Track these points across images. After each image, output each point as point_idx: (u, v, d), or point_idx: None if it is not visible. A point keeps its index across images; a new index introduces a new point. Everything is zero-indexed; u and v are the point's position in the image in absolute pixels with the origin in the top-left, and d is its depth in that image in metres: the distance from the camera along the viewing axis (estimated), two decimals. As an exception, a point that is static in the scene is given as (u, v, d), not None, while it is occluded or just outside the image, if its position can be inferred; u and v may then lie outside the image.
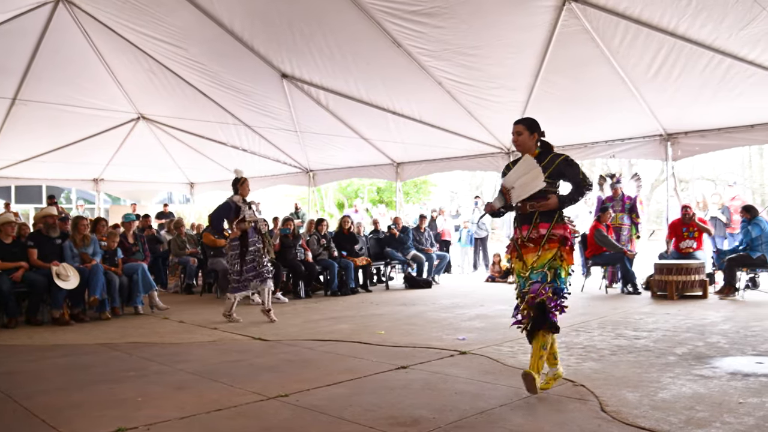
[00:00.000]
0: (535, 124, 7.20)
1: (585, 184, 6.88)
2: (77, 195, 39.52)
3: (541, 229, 6.81)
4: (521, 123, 7.24)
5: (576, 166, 6.97)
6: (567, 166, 6.95)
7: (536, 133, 7.17)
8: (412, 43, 14.07)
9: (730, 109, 14.26)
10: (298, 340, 9.99)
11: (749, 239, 14.25)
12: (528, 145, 7.12)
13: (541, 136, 7.20)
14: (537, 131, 7.17)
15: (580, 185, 6.89)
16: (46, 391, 7.08)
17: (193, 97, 19.04)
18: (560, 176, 6.95)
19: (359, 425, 5.67)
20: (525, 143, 7.13)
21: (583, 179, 6.88)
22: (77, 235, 12.97)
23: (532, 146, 7.13)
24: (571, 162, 7.00)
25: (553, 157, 6.99)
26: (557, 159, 6.97)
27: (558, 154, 7.06)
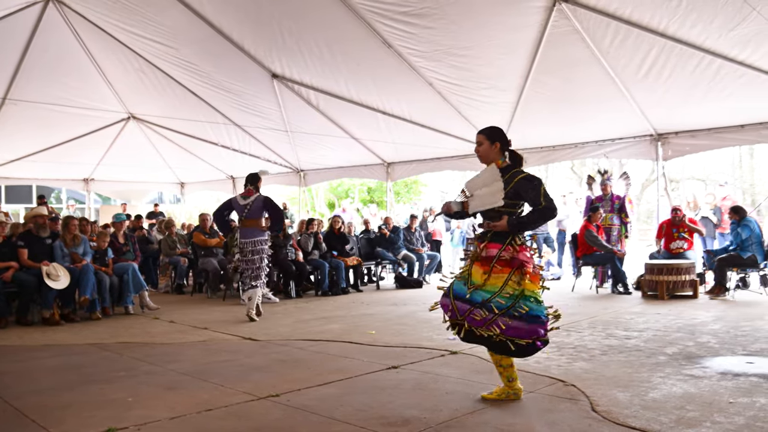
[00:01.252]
0: (496, 133, 6.68)
1: (546, 207, 6.29)
2: (67, 195, 39.50)
3: (491, 249, 6.39)
4: (481, 132, 6.76)
5: (537, 185, 6.34)
6: (526, 183, 6.37)
7: (498, 142, 6.61)
8: (403, 43, 14.08)
9: (720, 109, 14.29)
10: (289, 340, 9.99)
11: (739, 240, 14.28)
12: (489, 156, 6.65)
13: (505, 146, 6.66)
14: (499, 141, 6.62)
15: (538, 207, 6.31)
16: (37, 391, 7.07)
17: (184, 96, 19.04)
18: (518, 195, 6.37)
19: (350, 425, 5.68)
20: (486, 154, 6.68)
21: (544, 200, 6.27)
22: (67, 234, 12.95)
23: (494, 157, 6.63)
24: (531, 179, 6.40)
25: (513, 174, 6.45)
26: (517, 176, 6.43)
27: (519, 171, 6.51)
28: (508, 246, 6.31)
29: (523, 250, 6.38)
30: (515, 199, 6.36)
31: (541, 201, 6.26)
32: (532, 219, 6.35)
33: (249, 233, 12.57)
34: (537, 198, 6.27)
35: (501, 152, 6.61)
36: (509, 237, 6.34)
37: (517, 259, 6.27)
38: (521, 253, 6.33)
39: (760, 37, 11.45)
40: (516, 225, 6.30)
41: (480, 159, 6.73)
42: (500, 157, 6.59)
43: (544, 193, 6.28)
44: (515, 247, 6.33)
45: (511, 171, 6.46)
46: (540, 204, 6.27)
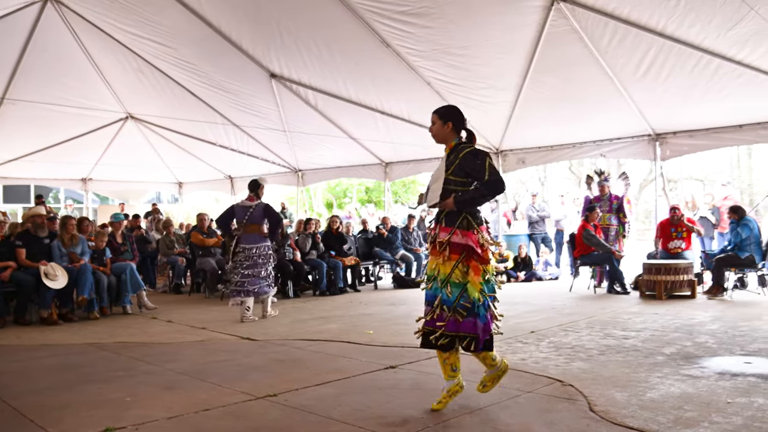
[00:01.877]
0: (451, 112, 6.44)
1: (490, 180, 6.00)
2: (66, 194, 39.48)
3: (442, 233, 6.16)
4: (435, 112, 6.48)
5: (482, 159, 6.08)
6: (471, 158, 6.12)
7: (451, 122, 6.35)
8: (401, 43, 14.08)
9: (718, 109, 14.29)
10: (287, 340, 9.98)
11: (738, 240, 14.27)
12: (442, 136, 6.42)
13: (459, 125, 6.39)
14: (453, 120, 6.36)
15: (484, 181, 6.02)
16: (35, 390, 7.07)
17: (182, 96, 19.03)
18: (464, 172, 6.13)
19: (348, 425, 5.68)
20: (438, 133, 6.43)
21: (489, 174, 6.00)
22: (65, 234, 12.93)
23: (447, 137, 6.39)
24: (476, 153, 6.14)
25: (460, 149, 6.23)
26: (462, 151, 6.19)
27: (466, 146, 6.27)
28: (457, 229, 6.07)
29: (471, 234, 6.07)
30: (463, 176, 6.15)
31: (486, 175, 6.01)
32: (478, 194, 6.07)
33: (253, 239, 12.53)
34: (482, 172, 6.03)
35: (454, 132, 6.38)
36: (460, 219, 6.09)
37: (463, 245, 6.04)
38: (470, 238, 6.05)
39: (759, 36, 11.46)
40: (461, 201, 6.03)
41: (434, 139, 6.53)
42: (454, 137, 6.39)
43: (489, 166, 6.04)
44: (466, 231, 6.07)
45: (462, 146, 6.26)
46: (484, 178, 6.01)
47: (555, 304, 13.64)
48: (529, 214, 21.21)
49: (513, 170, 20.07)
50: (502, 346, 9.04)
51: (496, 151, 19.34)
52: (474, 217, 6.14)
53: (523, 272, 18.98)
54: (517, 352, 8.71)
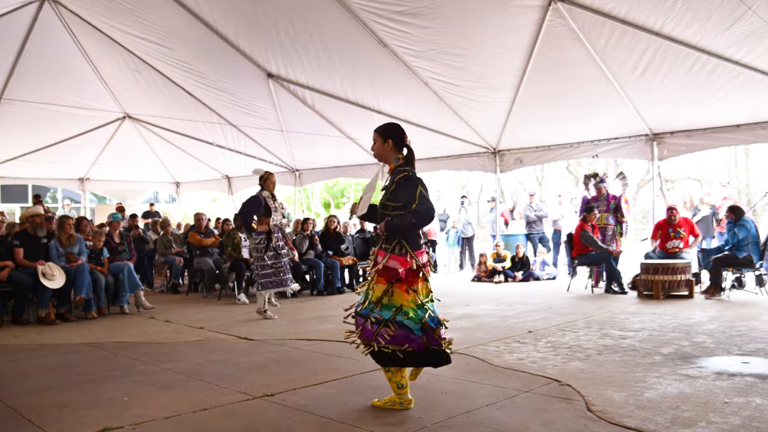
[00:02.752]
0: (389, 130, 6.38)
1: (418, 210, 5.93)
2: (63, 194, 39.45)
3: (379, 257, 6.17)
4: (376, 130, 6.42)
5: (413, 185, 6.05)
6: (403, 183, 6.09)
7: (391, 140, 6.29)
8: (398, 43, 14.08)
9: (715, 108, 14.30)
10: (285, 340, 9.98)
11: (736, 240, 14.28)
12: (383, 154, 6.38)
13: (399, 143, 6.32)
14: (392, 138, 6.31)
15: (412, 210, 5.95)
16: (32, 390, 7.07)
17: (179, 96, 19.02)
18: (398, 198, 6.06)
19: (346, 424, 5.69)
20: (379, 152, 6.39)
21: (420, 203, 5.94)
22: (63, 234, 12.94)
23: (388, 155, 6.35)
24: (409, 179, 6.11)
25: (398, 173, 6.20)
26: (399, 175, 6.16)
27: (403, 170, 6.21)
28: (391, 254, 6.06)
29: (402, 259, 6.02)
30: (398, 202, 6.07)
31: (414, 202, 5.95)
32: (404, 221, 5.97)
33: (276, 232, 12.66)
34: (411, 198, 5.98)
35: (395, 150, 6.31)
36: (394, 243, 6.08)
37: (393, 270, 6.02)
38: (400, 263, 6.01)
39: (756, 36, 11.47)
40: (391, 227, 6.02)
41: (376, 158, 6.52)
42: (395, 154, 6.32)
43: (419, 194, 5.98)
44: (398, 256, 6.04)
45: (398, 171, 6.21)
46: (411, 204, 5.96)
47: (552, 303, 13.64)
48: (526, 214, 21.20)
49: (510, 170, 20.08)
50: (500, 346, 9.06)
51: (493, 151, 19.36)
52: (409, 242, 6.08)
53: (521, 272, 18.98)
54: (515, 351, 8.71)
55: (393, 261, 6.01)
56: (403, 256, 6.02)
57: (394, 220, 5.99)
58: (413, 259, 6.04)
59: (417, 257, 6.06)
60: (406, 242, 6.05)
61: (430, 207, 6.00)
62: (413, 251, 6.05)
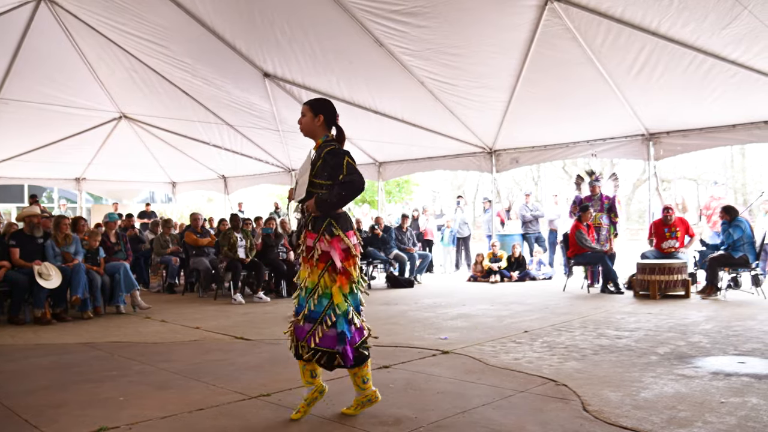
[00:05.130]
0: (323, 106, 6.19)
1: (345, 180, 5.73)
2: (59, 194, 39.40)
3: (308, 240, 5.92)
4: (306, 103, 6.22)
5: (340, 157, 5.85)
6: (331, 158, 5.86)
7: (322, 115, 6.11)
8: (395, 42, 14.08)
9: (712, 108, 14.32)
10: (281, 340, 9.93)
11: (731, 241, 14.28)
12: (311, 130, 6.15)
13: (331, 120, 6.18)
14: (325, 113, 6.14)
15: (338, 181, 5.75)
16: (29, 390, 7.07)
17: (175, 96, 19.04)
18: (326, 173, 5.85)
19: (341, 424, 5.69)
20: (307, 126, 6.14)
21: (347, 173, 5.75)
22: (59, 234, 12.92)
23: (316, 131, 6.13)
24: (336, 152, 5.91)
25: (324, 148, 5.98)
26: (325, 149, 5.95)
27: (329, 145, 6.02)
28: (323, 236, 5.81)
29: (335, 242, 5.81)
30: (326, 178, 5.86)
31: (343, 173, 5.75)
32: (334, 194, 5.74)
33: None
34: (339, 170, 5.76)
35: (325, 126, 6.14)
36: (325, 224, 5.83)
37: (328, 253, 5.79)
38: (334, 246, 5.80)
39: (752, 36, 11.48)
40: (320, 202, 5.77)
41: (302, 132, 6.24)
42: (324, 131, 6.14)
43: (347, 164, 5.78)
44: (332, 237, 5.80)
45: (325, 145, 6.02)
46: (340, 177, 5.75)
47: (548, 303, 13.64)
48: (522, 214, 21.23)
49: (506, 170, 20.12)
50: (496, 346, 9.07)
51: (489, 151, 19.37)
52: (339, 222, 5.88)
53: (517, 272, 18.99)
54: (511, 351, 8.70)
55: (328, 244, 5.79)
56: (335, 238, 5.82)
57: (323, 196, 5.79)
58: (345, 240, 5.84)
59: (348, 238, 5.86)
60: (336, 222, 5.85)
61: (359, 177, 5.80)
62: (344, 232, 5.86)
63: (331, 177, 5.82)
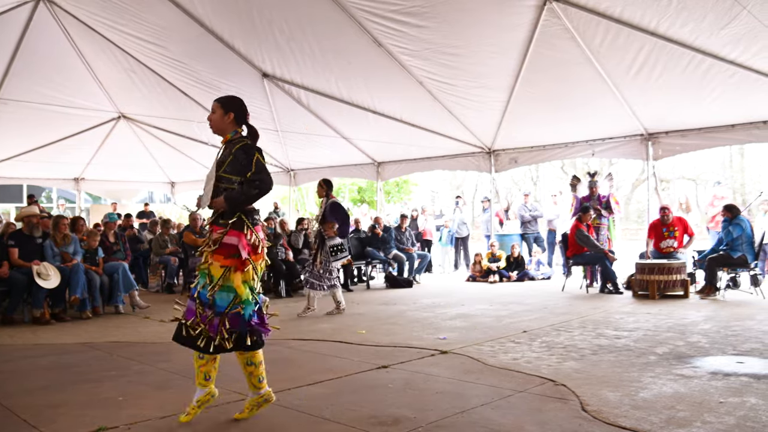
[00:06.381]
0: (234, 103, 6.08)
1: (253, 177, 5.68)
2: (58, 194, 39.39)
3: (215, 233, 5.85)
4: (217, 100, 6.12)
5: (251, 154, 5.77)
6: (242, 154, 5.78)
7: (233, 113, 6.00)
8: (393, 42, 14.07)
9: (710, 108, 14.31)
10: (279, 340, 9.94)
11: (730, 239, 14.28)
12: (220, 126, 6.03)
13: (241, 117, 6.07)
14: (235, 111, 6.02)
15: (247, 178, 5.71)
16: (28, 390, 7.08)
17: (174, 96, 19.01)
18: (236, 169, 5.79)
19: (340, 424, 5.69)
20: (217, 124, 6.03)
21: (256, 171, 5.69)
22: (58, 234, 12.92)
23: (226, 128, 6.02)
24: (247, 149, 5.82)
25: (235, 144, 5.89)
26: (236, 146, 5.85)
27: (239, 141, 5.93)
28: (233, 230, 5.75)
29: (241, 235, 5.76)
30: (236, 174, 5.81)
31: (252, 170, 5.70)
32: (241, 191, 5.73)
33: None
34: (248, 167, 5.71)
35: (235, 124, 6.03)
36: (234, 218, 5.76)
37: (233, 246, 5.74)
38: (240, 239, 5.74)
39: (751, 36, 11.47)
40: (229, 199, 5.73)
41: (211, 129, 6.10)
42: (233, 129, 6.03)
43: (256, 162, 5.73)
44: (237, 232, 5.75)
45: (236, 141, 5.92)
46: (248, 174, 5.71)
47: (547, 303, 13.64)
48: (521, 214, 21.23)
49: (505, 170, 20.10)
50: (495, 346, 9.07)
51: (488, 151, 19.37)
52: (248, 216, 5.84)
53: (516, 272, 18.99)
54: (509, 351, 8.70)
55: (232, 237, 5.74)
56: (242, 231, 5.77)
57: (233, 193, 5.74)
58: (253, 234, 5.83)
59: (256, 232, 5.86)
60: (246, 217, 5.80)
61: (267, 177, 5.75)
62: (252, 226, 5.84)
63: (240, 173, 5.77)
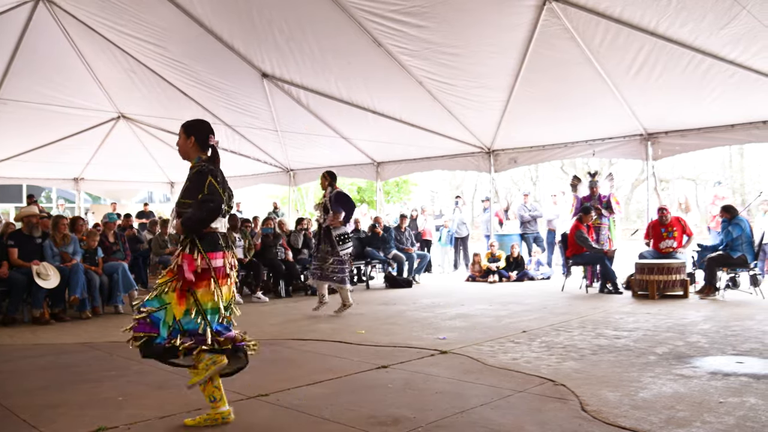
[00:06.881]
0: (194, 127, 6.02)
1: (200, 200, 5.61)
2: (57, 194, 39.38)
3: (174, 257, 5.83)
4: (182, 125, 6.04)
5: (204, 176, 5.70)
6: (194, 176, 5.76)
7: (194, 136, 5.92)
8: (393, 42, 14.07)
9: (710, 108, 14.31)
10: (279, 340, 9.97)
11: (730, 239, 14.28)
12: (185, 152, 5.99)
13: (203, 141, 5.95)
14: (195, 134, 5.94)
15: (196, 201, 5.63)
16: (27, 390, 7.08)
17: (174, 96, 18.99)
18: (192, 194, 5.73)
19: (339, 424, 5.68)
20: (182, 149, 6.00)
21: (203, 195, 5.61)
22: (57, 234, 12.92)
23: (190, 153, 5.96)
24: (201, 172, 5.74)
25: (191, 171, 5.86)
26: (191, 171, 5.84)
27: (196, 166, 5.84)
28: (185, 253, 5.70)
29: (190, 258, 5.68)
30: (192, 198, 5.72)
31: (203, 193, 5.61)
32: (191, 214, 5.63)
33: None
34: (199, 190, 5.63)
35: (198, 147, 5.93)
36: (187, 243, 5.74)
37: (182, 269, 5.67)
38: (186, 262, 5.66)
39: (751, 36, 11.47)
40: (183, 223, 5.67)
41: (180, 156, 6.05)
42: (197, 153, 5.94)
43: (207, 185, 5.62)
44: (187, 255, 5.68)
45: (194, 166, 5.85)
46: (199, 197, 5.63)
47: (547, 303, 13.64)
48: (521, 214, 21.22)
49: (505, 170, 20.10)
50: (494, 346, 9.07)
51: (488, 151, 19.36)
52: (203, 242, 5.74)
53: (515, 272, 18.98)
54: (509, 351, 8.70)
55: (183, 260, 5.66)
56: (191, 255, 5.68)
57: (184, 216, 5.67)
58: (203, 259, 5.68)
59: (209, 259, 5.71)
60: (199, 242, 5.70)
61: (213, 198, 5.63)
62: (206, 252, 5.70)
63: (192, 197, 5.70)
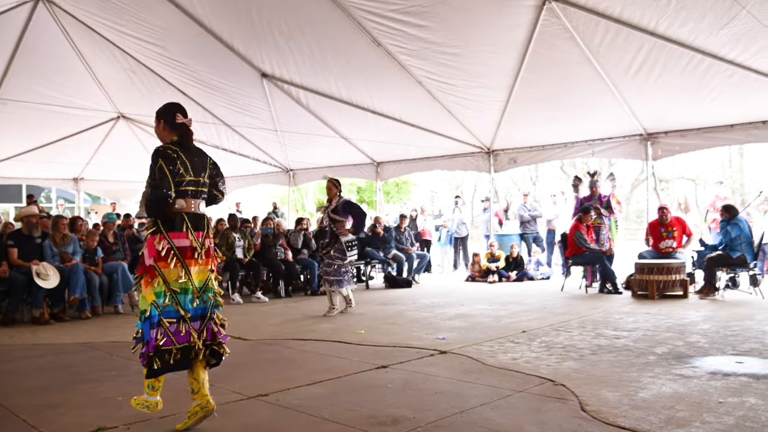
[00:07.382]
0: (163, 110, 6.10)
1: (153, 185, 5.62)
2: (57, 194, 39.37)
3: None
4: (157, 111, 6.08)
5: (154, 160, 5.70)
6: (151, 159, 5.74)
7: (162, 119, 6.03)
8: (392, 41, 14.06)
9: (710, 108, 14.31)
10: (279, 340, 9.97)
11: (729, 239, 14.28)
12: (160, 136, 6.07)
13: (171, 123, 6.01)
14: (164, 117, 6.03)
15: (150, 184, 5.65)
16: (27, 390, 7.08)
17: (173, 96, 18.88)
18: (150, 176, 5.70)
19: (339, 424, 5.68)
20: (157, 134, 6.10)
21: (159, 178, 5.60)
22: (57, 234, 12.91)
23: (163, 136, 6.04)
24: (154, 155, 5.73)
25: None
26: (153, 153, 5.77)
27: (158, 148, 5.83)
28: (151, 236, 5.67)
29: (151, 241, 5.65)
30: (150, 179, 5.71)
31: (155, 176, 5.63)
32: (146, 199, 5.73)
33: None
34: (152, 174, 5.66)
35: (169, 129, 6.01)
36: (154, 226, 5.67)
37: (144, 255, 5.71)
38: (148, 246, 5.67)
39: (750, 35, 11.46)
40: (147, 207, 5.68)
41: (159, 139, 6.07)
42: (170, 136, 6.00)
43: (158, 169, 5.63)
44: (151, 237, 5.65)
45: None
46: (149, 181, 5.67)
47: (546, 303, 13.63)
48: (520, 214, 21.22)
49: (504, 170, 20.10)
50: (494, 346, 9.07)
51: (487, 151, 19.36)
52: (164, 224, 5.67)
53: (515, 272, 18.98)
54: (509, 351, 8.70)
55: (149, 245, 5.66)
56: (153, 238, 5.66)
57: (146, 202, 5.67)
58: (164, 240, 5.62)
59: (170, 239, 5.64)
60: (161, 223, 5.66)
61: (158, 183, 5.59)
62: (167, 232, 5.65)
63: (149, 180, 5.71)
